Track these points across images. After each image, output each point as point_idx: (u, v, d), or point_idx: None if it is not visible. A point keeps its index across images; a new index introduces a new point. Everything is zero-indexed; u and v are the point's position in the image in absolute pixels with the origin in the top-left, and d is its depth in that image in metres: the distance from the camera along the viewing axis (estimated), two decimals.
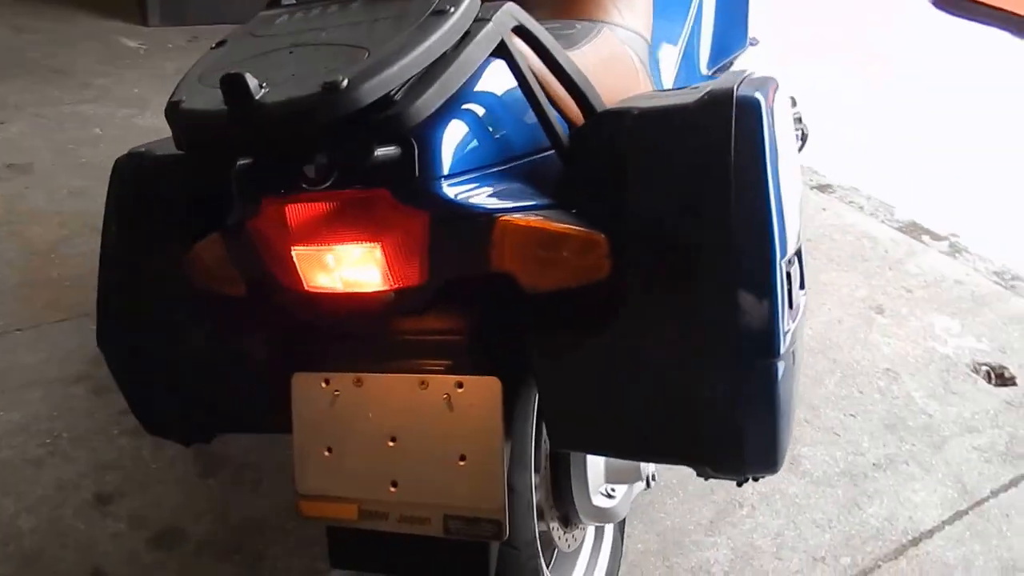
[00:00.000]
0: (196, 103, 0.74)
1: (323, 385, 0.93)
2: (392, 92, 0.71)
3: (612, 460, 1.15)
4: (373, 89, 0.69)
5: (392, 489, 0.90)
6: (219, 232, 0.90)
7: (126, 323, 1.01)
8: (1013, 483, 1.73)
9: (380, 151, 0.74)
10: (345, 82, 0.67)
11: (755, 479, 0.88)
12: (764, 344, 0.77)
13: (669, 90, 1.06)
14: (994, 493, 1.70)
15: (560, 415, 0.91)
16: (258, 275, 0.89)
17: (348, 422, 0.92)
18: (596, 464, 1.14)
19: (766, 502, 1.63)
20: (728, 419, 0.81)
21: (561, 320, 0.86)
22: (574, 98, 0.92)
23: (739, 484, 0.98)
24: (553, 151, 0.90)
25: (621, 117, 0.86)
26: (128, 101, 3.35)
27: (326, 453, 0.93)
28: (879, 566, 1.51)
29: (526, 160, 0.90)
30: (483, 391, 0.87)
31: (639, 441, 0.90)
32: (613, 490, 1.17)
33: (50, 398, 1.81)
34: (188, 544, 1.49)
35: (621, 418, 0.88)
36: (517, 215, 0.81)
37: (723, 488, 1.65)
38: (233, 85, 0.67)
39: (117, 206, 1.01)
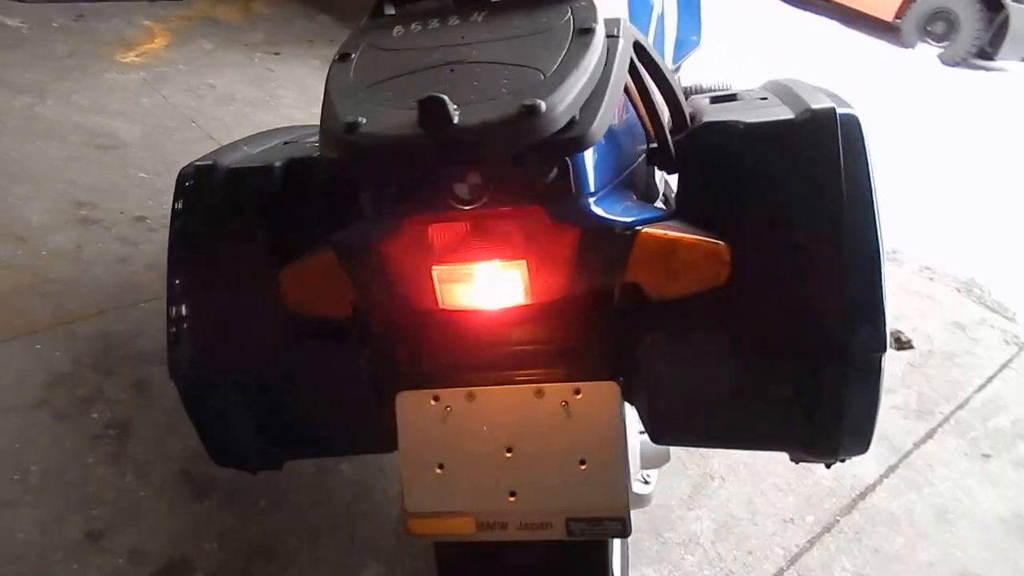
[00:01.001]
0: (383, 126, 0.73)
1: (432, 402, 0.95)
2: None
3: (647, 446, 1.17)
4: (567, 111, 0.72)
5: (511, 499, 0.94)
6: (334, 253, 0.90)
7: (205, 351, 0.98)
8: (929, 435, 1.98)
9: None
10: (543, 105, 0.70)
11: (841, 460, 0.96)
12: (875, 340, 0.86)
13: (730, 98, 1.10)
14: (916, 445, 1.94)
15: (671, 411, 0.96)
16: (378, 295, 0.90)
17: (461, 437, 0.95)
18: (634, 451, 1.18)
19: (733, 473, 1.79)
20: (835, 408, 0.89)
21: (681, 324, 0.91)
22: (671, 108, 0.97)
23: (828, 466, 1.07)
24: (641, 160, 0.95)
25: (728, 130, 0.92)
26: (23, 88, 3.10)
27: (438, 470, 0.95)
28: (838, 520, 1.70)
29: (628, 171, 0.96)
30: (601, 396, 0.92)
31: (744, 432, 0.97)
32: (648, 476, 1.25)
33: (9, 429, 1.71)
34: None
35: (731, 412, 0.95)
36: (654, 228, 0.87)
37: (694, 463, 1.80)
38: (433, 108, 0.69)
39: (187, 226, 0.98)
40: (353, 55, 0.85)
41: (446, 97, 0.69)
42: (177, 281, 0.99)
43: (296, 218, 1.00)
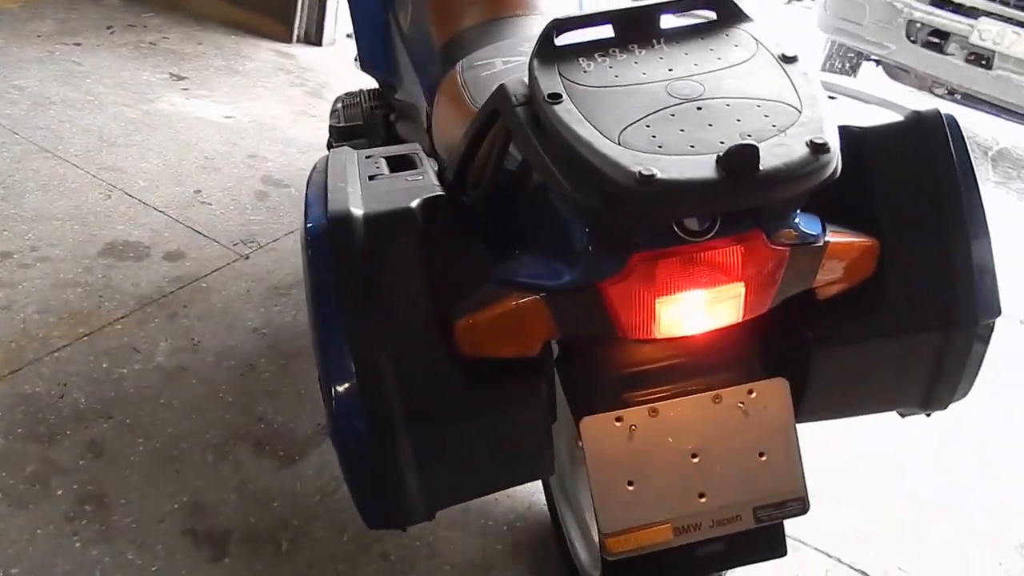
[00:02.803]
0: (680, 175, 0.75)
1: (616, 424, 0.98)
2: None
3: None
4: (836, 145, 0.78)
5: (701, 500, 1.00)
6: (534, 296, 0.90)
7: (377, 405, 0.92)
8: None
9: None
10: (830, 142, 0.76)
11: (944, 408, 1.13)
12: (992, 308, 1.01)
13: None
14: None
15: (827, 393, 1.06)
16: (588, 332, 0.92)
17: (648, 452, 0.99)
18: None
19: None
20: (958, 368, 1.04)
21: (843, 316, 1.01)
22: None
23: (928, 415, 1.18)
24: None
25: (849, 133, 0.97)
26: None
27: (629, 487, 0.98)
28: None
29: None
30: (773, 392, 1.01)
31: (881, 400, 1.11)
32: None
33: None
34: None
35: (873, 384, 1.07)
36: (835, 236, 0.94)
37: None
38: (745, 155, 0.72)
39: (343, 277, 0.92)
40: (564, 96, 0.84)
41: (759, 144, 0.73)
42: (330, 333, 0.92)
43: (450, 259, 0.96)
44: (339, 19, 3.91)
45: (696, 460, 1.00)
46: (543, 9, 1.64)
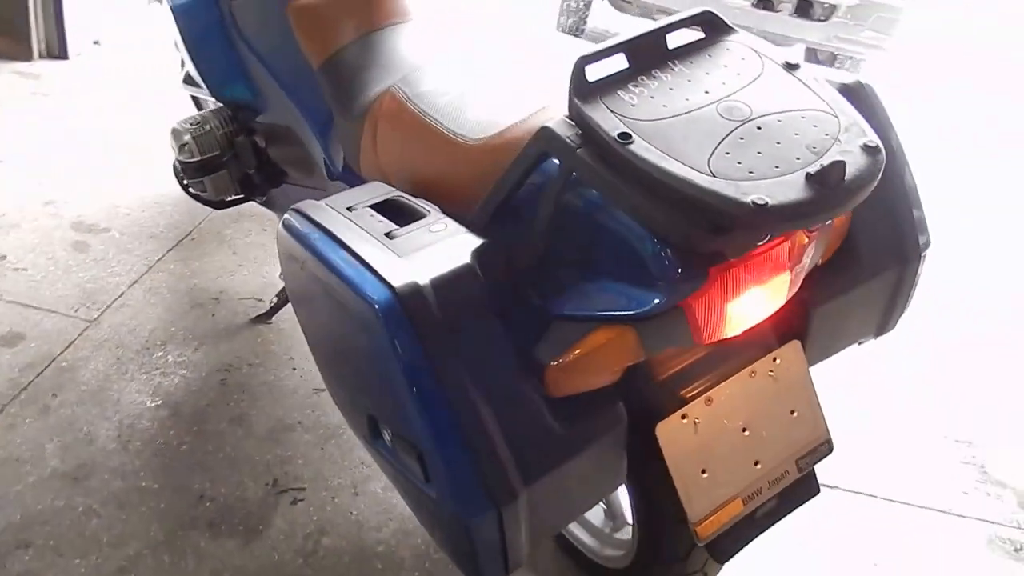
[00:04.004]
0: (786, 197, 0.80)
1: (682, 421, 1.05)
2: None
3: None
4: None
5: (757, 467, 1.10)
6: (619, 327, 0.93)
7: (494, 474, 0.91)
8: None
9: None
10: (879, 142, 0.84)
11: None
12: (928, 238, 1.22)
13: None
14: None
15: (822, 341, 1.21)
16: (667, 347, 0.99)
17: (711, 439, 1.07)
18: None
19: None
20: (906, 295, 1.25)
21: (825, 277, 1.16)
22: None
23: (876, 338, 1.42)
24: None
25: None
26: None
27: (703, 475, 1.06)
28: None
29: None
30: (792, 354, 1.13)
31: (854, 335, 1.30)
32: None
33: None
34: None
35: (850, 325, 1.25)
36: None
37: None
38: (836, 172, 0.79)
39: (425, 355, 0.88)
40: (634, 135, 0.85)
41: (846, 160, 0.79)
42: (431, 417, 0.89)
43: (518, 302, 0.97)
44: (84, 26, 3.45)
45: (747, 433, 1.10)
46: (415, 14, 1.60)
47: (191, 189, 1.95)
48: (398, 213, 1.07)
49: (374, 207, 1.08)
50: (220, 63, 1.75)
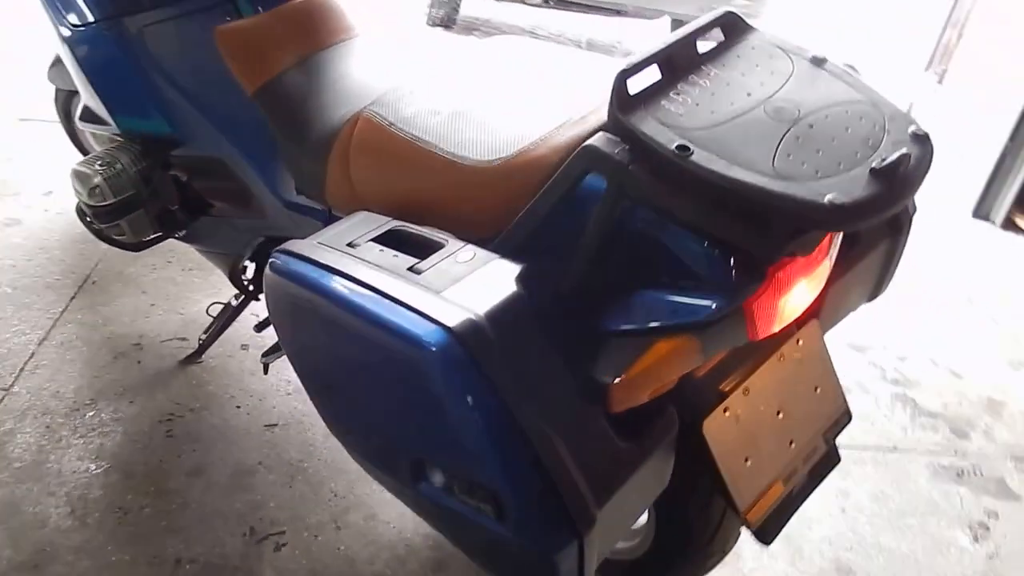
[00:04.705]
0: (857, 195, 0.82)
1: (725, 415, 1.08)
2: None
3: None
4: None
5: (792, 447, 1.16)
6: (679, 337, 0.93)
7: (576, 505, 0.91)
8: None
9: None
10: (927, 131, 0.87)
11: None
12: (914, 205, 1.24)
13: None
14: None
15: (831, 316, 1.25)
16: (724, 349, 1.00)
17: (751, 427, 1.11)
18: None
19: None
20: (895, 263, 1.29)
21: (839, 259, 1.14)
22: None
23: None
24: None
25: None
26: None
27: (747, 464, 1.10)
28: None
29: None
30: (811, 333, 1.18)
31: (853, 305, 1.33)
32: None
33: None
34: None
35: (852, 296, 1.28)
36: None
37: None
38: (902, 165, 0.82)
39: (500, 383, 0.87)
40: (692, 146, 0.84)
41: (911, 153, 0.82)
42: (508, 456, 0.89)
43: (576, 324, 0.96)
44: None
45: (781, 416, 1.16)
46: (359, 29, 1.54)
47: (105, 234, 1.80)
48: (406, 245, 1.03)
49: (377, 240, 1.04)
50: (129, 95, 1.61)
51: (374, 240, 1.04)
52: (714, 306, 0.90)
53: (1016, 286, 3.06)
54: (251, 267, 1.84)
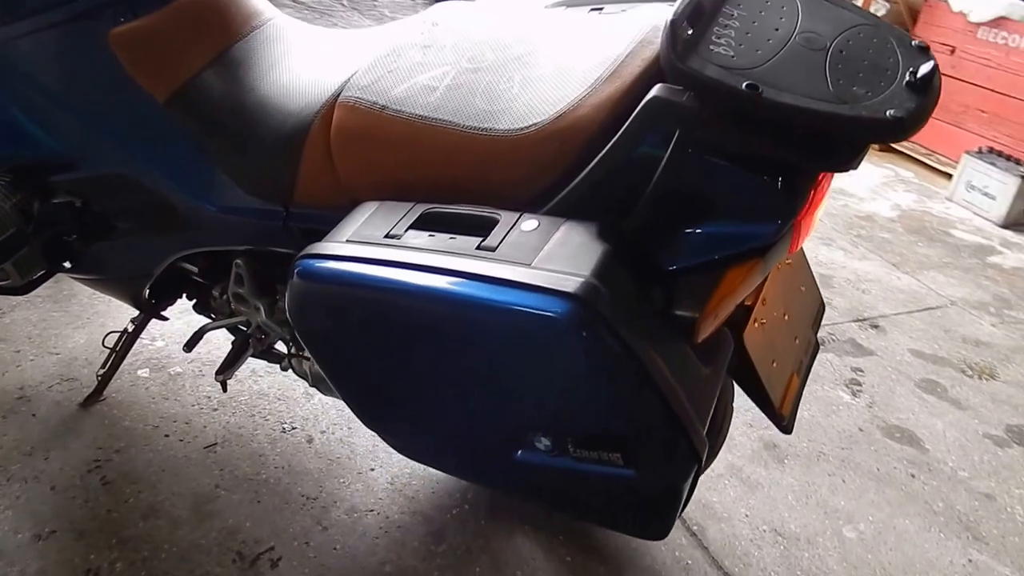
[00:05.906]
0: (909, 107, 0.87)
1: (755, 325, 1.20)
2: None
3: None
4: None
5: (796, 342, 1.32)
6: (756, 257, 0.98)
7: (700, 436, 1.01)
8: None
9: None
10: (927, 44, 0.95)
11: None
12: None
13: None
14: None
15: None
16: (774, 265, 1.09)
17: (773, 332, 1.25)
18: None
19: None
20: None
21: None
22: None
23: None
24: None
25: None
26: None
27: (774, 365, 1.24)
28: None
29: None
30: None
31: None
32: None
33: None
34: None
35: None
36: None
37: None
38: (934, 74, 0.89)
39: (628, 336, 0.90)
40: (760, 87, 0.87)
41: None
42: (646, 401, 0.96)
43: (645, 270, 0.99)
44: None
45: (787, 317, 1.32)
46: (269, 12, 1.44)
47: None
48: (449, 225, 1.01)
49: (415, 227, 1.02)
50: (10, 123, 1.41)
51: (413, 227, 1.02)
52: (777, 226, 0.95)
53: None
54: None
